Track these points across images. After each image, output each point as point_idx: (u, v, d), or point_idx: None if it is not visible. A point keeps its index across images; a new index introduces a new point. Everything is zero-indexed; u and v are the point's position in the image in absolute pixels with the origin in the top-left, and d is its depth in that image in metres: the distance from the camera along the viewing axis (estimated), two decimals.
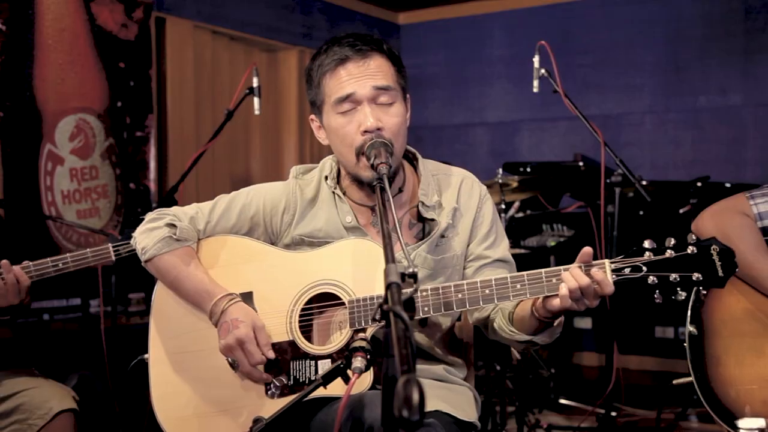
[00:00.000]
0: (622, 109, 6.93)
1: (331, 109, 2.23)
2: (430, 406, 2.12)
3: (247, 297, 2.25)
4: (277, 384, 2.19)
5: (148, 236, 2.32)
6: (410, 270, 1.56)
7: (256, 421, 1.88)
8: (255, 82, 4.07)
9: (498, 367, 4.50)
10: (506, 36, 7.41)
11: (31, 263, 2.84)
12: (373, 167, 2.08)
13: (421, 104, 7.76)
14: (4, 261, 2.80)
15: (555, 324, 2.14)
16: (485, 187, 2.42)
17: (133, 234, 2.38)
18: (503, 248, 2.38)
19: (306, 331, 2.23)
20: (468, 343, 2.55)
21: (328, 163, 2.40)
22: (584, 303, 1.99)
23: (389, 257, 1.64)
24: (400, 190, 2.33)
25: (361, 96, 2.18)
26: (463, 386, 2.38)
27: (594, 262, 2.01)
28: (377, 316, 1.51)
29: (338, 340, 2.19)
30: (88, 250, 2.91)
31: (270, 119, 6.90)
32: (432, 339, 2.36)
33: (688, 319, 2.51)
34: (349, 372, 1.89)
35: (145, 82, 5.84)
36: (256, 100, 4.08)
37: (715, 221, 2.58)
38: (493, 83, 7.47)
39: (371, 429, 1.96)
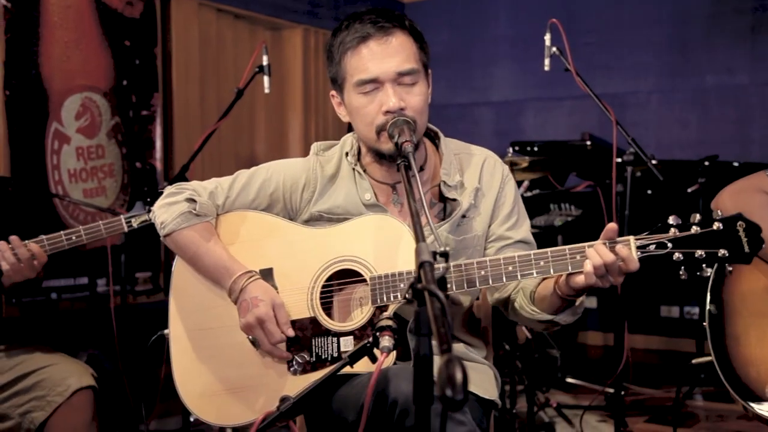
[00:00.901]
0: (628, 89, 6.90)
1: (352, 88, 2.21)
2: None
3: (267, 273, 2.24)
4: (299, 361, 2.19)
5: (167, 211, 2.30)
6: (442, 249, 1.55)
7: (283, 399, 1.88)
8: (264, 61, 4.05)
9: (507, 347, 4.50)
10: (511, 15, 7.38)
11: (44, 237, 2.83)
12: (397, 146, 2.06)
13: None
14: (14, 237, 2.79)
15: (576, 303, 2.13)
16: (507, 167, 2.41)
17: (151, 208, 2.37)
18: (525, 229, 2.37)
19: (327, 307, 2.23)
20: (486, 321, 2.54)
21: (349, 140, 2.39)
22: (608, 280, 1.99)
23: (419, 236, 1.63)
24: (422, 169, 2.32)
25: (385, 79, 2.17)
26: (484, 365, 2.37)
27: (618, 239, 1.99)
28: (408, 295, 1.49)
29: (360, 317, 2.18)
30: (100, 222, 2.91)
31: (274, 98, 6.86)
32: (452, 317, 2.35)
33: (708, 298, 2.50)
34: (376, 351, 1.88)
35: (151, 60, 5.80)
36: (265, 78, 4.06)
37: (734, 200, 2.56)
38: (498, 62, 7.43)
39: (395, 402, 1.96)
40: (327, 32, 7.10)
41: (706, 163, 5.24)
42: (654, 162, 4.61)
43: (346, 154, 2.34)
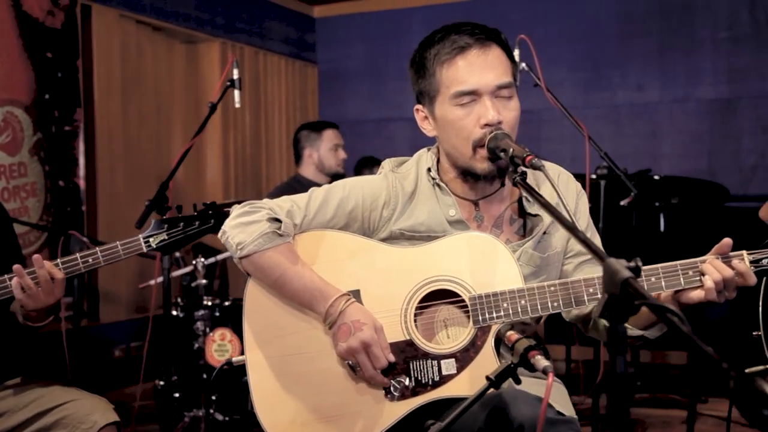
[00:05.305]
0: (543, 105, 7.05)
1: (447, 100, 2.15)
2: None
3: (355, 295, 2.14)
4: (397, 386, 2.10)
5: (245, 230, 2.15)
6: (633, 264, 1.51)
7: (428, 427, 1.79)
8: (235, 74, 3.91)
9: None
10: (425, 31, 7.28)
11: (59, 260, 2.61)
12: (512, 160, 2.01)
13: (339, 99, 7.69)
14: (36, 256, 2.55)
15: None
16: (578, 182, 2.40)
17: (223, 228, 2.21)
18: (598, 243, 2.36)
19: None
20: (542, 335, 2.52)
21: (425, 156, 2.32)
22: (724, 295, 2.00)
23: (600, 252, 1.58)
24: (503, 185, 2.27)
25: (483, 91, 2.12)
26: (558, 382, 2.34)
27: (731, 254, 2.02)
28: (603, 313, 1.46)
29: (457, 338, 2.11)
30: (117, 243, 2.69)
31: (191, 113, 6.65)
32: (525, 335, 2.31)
33: (761, 309, 2.56)
34: (519, 372, 1.82)
35: (73, 73, 5.51)
36: (236, 92, 3.92)
37: None
38: None
39: (522, 427, 1.90)
40: (244, 46, 6.96)
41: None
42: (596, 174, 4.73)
43: (428, 169, 2.27)
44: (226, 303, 4.12)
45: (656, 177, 5.74)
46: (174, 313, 4.12)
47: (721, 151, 6.76)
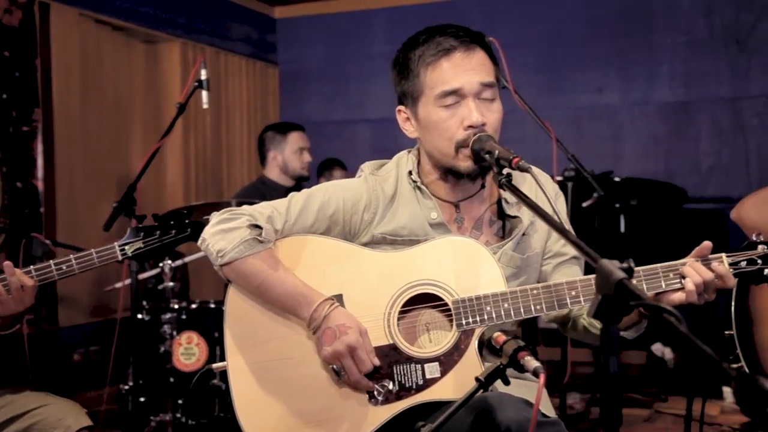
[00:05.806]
0: (506, 107, 7.03)
1: (431, 101, 2.15)
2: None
3: (337, 300, 2.12)
4: (381, 390, 2.08)
5: (225, 237, 2.12)
6: (626, 265, 1.51)
7: (418, 429, 1.77)
8: (203, 75, 3.86)
9: None
10: (387, 32, 7.42)
11: (32, 267, 2.55)
12: (497, 162, 2.01)
13: (300, 100, 7.66)
14: (7, 262, 2.50)
15: (643, 320, 2.15)
16: (556, 184, 2.41)
17: (202, 236, 2.18)
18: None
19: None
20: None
21: (405, 158, 2.31)
22: (704, 297, 2.02)
23: (591, 253, 1.58)
24: (483, 186, 2.27)
25: (468, 91, 2.12)
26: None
27: (710, 256, 2.04)
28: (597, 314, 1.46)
29: (440, 341, 2.11)
30: (93, 250, 2.64)
31: (150, 115, 6.56)
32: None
33: (733, 308, 2.59)
34: (508, 373, 1.82)
35: (31, 72, 5.41)
36: (204, 93, 3.87)
37: (759, 210, 2.68)
38: (374, 79, 7.45)
39: (509, 429, 1.90)
40: (205, 47, 6.89)
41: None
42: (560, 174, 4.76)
43: (410, 172, 2.27)
44: (193, 306, 4.06)
45: (617, 179, 5.80)
46: (139, 316, 4.05)
47: (679, 154, 6.84)
